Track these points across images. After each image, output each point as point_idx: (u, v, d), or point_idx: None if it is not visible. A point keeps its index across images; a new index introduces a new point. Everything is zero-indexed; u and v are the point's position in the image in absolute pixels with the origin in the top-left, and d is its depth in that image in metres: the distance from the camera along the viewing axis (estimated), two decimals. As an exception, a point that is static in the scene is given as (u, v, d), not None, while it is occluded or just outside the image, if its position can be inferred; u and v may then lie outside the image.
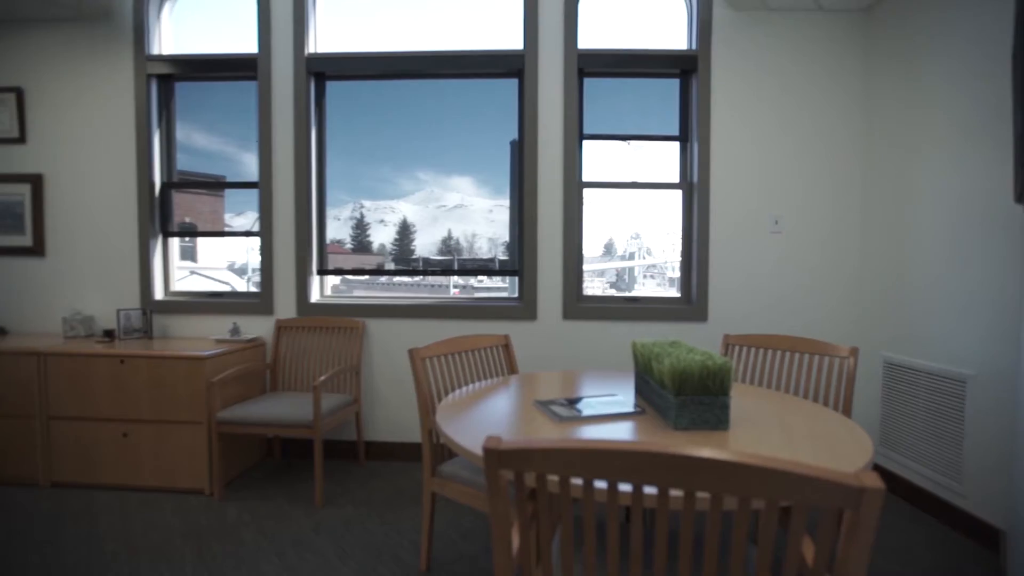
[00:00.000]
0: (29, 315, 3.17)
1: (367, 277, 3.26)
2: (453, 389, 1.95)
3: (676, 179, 3.01)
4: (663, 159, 3.03)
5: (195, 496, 2.54)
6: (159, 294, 3.11)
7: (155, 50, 3.06)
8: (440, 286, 3.33)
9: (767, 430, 1.29)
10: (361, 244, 3.19)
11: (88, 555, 2.01)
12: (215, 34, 3.14)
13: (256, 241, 3.13)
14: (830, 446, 1.17)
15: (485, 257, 3.15)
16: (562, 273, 2.91)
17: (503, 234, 3.12)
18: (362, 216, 3.19)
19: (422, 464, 2.95)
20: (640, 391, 1.60)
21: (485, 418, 1.39)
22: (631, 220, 3.11)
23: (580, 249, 2.96)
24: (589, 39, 2.93)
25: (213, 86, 3.14)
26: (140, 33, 3.01)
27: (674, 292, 3.09)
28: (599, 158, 3.01)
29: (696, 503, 0.71)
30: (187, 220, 3.20)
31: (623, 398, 1.59)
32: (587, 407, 1.47)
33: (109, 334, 2.88)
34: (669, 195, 3.00)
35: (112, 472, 2.60)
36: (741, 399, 1.62)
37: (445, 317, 2.96)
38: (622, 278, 3.25)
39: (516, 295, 3.10)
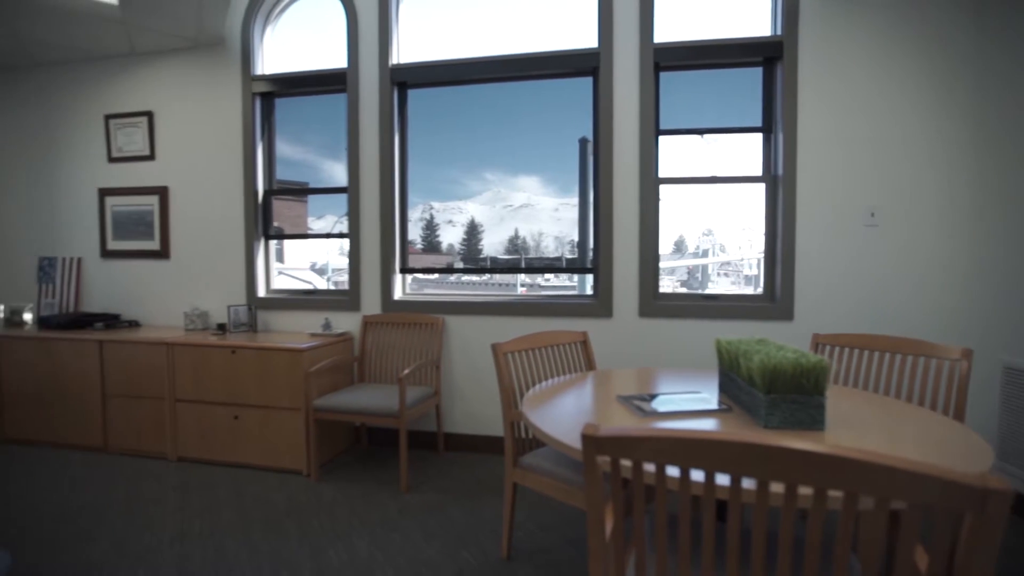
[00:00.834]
0: (158, 310, 3.62)
1: (436, 276, 3.40)
2: (533, 383, 2.01)
3: (758, 172, 2.88)
4: (742, 152, 2.92)
5: (295, 476, 2.78)
6: (261, 292, 3.42)
7: (258, 70, 3.37)
8: (508, 285, 3.41)
9: (868, 432, 1.23)
10: (431, 244, 3.33)
11: (211, 522, 2.27)
12: (308, 52, 3.41)
13: (334, 242, 3.37)
14: (942, 452, 1.10)
15: (551, 256, 3.19)
16: (638, 270, 2.88)
17: (570, 232, 3.13)
18: (431, 217, 3.33)
19: (503, 455, 3.05)
20: (725, 389, 1.57)
21: (570, 410, 1.43)
22: (703, 216, 3.03)
23: (656, 246, 2.92)
24: (665, 32, 2.88)
25: (299, 100, 3.41)
26: (247, 56, 3.33)
27: (751, 290, 2.97)
28: (673, 153, 2.95)
29: (799, 501, 0.70)
30: (276, 224, 3.49)
31: (707, 395, 1.57)
32: (670, 403, 1.47)
33: (221, 327, 3.22)
34: (747, 189, 2.88)
35: (225, 450, 2.90)
36: (836, 401, 1.54)
37: (521, 314, 3.03)
38: (694, 276, 3.16)
39: (591, 293, 3.11)
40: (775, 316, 2.76)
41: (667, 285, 3.09)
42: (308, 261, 3.67)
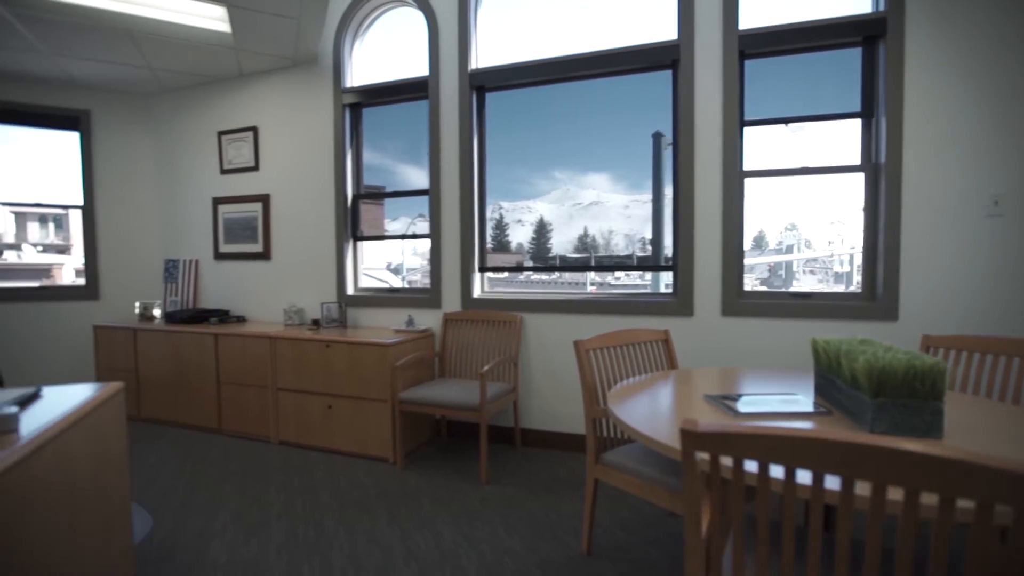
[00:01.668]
0: (260, 306, 3.98)
1: (506, 275, 3.45)
2: (615, 381, 2.01)
3: (856, 161, 2.68)
4: (835, 140, 2.72)
5: (382, 463, 2.95)
6: (350, 290, 3.67)
7: (347, 83, 3.61)
8: (577, 283, 3.41)
9: (993, 442, 1.12)
10: (500, 244, 3.40)
11: (311, 501, 2.48)
12: (392, 63, 3.59)
13: (408, 243, 3.53)
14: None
15: (622, 254, 3.14)
16: (720, 268, 2.78)
17: (641, 230, 3.08)
18: (501, 217, 3.39)
19: (579, 452, 3.07)
20: (822, 391, 1.49)
21: (656, 408, 1.42)
22: (787, 210, 2.86)
23: (741, 243, 2.79)
24: (750, 18, 2.75)
25: (380, 109, 3.61)
26: (337, 70, 3.58)
27: (841, 287, 2.77)
28: (758, 145, 2.81)
29: (922, 511, 0.67)
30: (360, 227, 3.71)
31: (801, 397, 1.50)
32: (760, 404, 1.42)
33: (316, 323, 3.48)
34: (841, 180, 2.68)
35: (320, 436, 3.14)
36: (952, 408, 1.42)
37: (598, 312, 3.02)
38: (775, 274, 3.00)
39: (667, 291, 3.04)
40: (876, 316, 2.55)
41: (746, 283, 2.95)
42: (384, 261, 3.88)
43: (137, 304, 4.03)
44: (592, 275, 3.35)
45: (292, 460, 3.01)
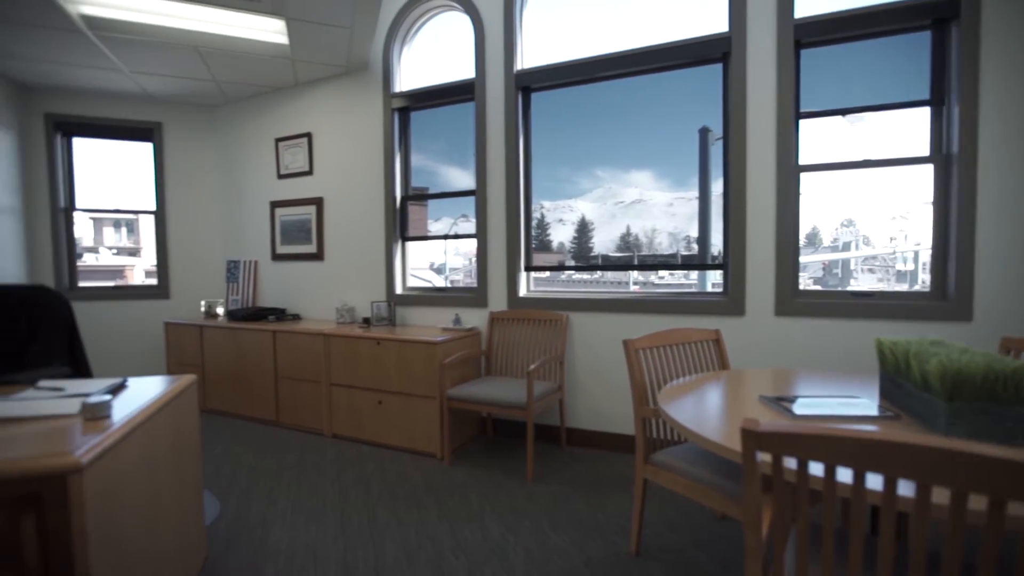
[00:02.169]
0: (314, 305, 4.16)
1: (548, 274, 3.45)
2: (664, 381, 1.98)
3: (924, 151, 2.52)
4: (899, 130, 2.57)
5: (429, 458, 3.02)
6: (398, 289, 3.77)
7: (396, 88, 3.71)
8: (620, 283, 3.37)
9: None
10: (542, 243, 3.40)
11: (363, 493, 2.57)
12: (438, 67, 3.67)
13: (450, 243, 3.59)
14: None
15: (665, 253, 3.09)
16: (774, 266, 2.69)
17: (686, 228, 3.01)
18: (542, 216, 3.39)
19: (625, 453, 3.04)
20: (888, 394, 1.42)
21: (710, 408, 1.40)
22: (843, 205, 2.72)
23: (796, 240, 2.69)
24: (806, 7, 2.64)
25: (426, 112, 3.69)
26: (387, 76, 3.69)
27: (904, 286, 2.61)
28: (813, 138, 2.70)
29: (1008, 522, 0.63)
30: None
31: (866, 400, 1.44)
32: (820, 406, 1.37)
33: (366, 321, 3.60)
34: (906, 172, 2.53)
35: (371, 431, 3.25)
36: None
37: (645, 312, 2.98)
38: (830, 272, 2.87)
39: (715, 290, 2.96)
40: (947, 316, 2.40)
41: (800, 282, 2.84)
42: (427, 261, 3.97)
43: (202, 303, 4.29)
44: (635, 274, 3.31)
45: (344, 453, 3.12)
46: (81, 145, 4.40)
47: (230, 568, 1.93)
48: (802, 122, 2.69)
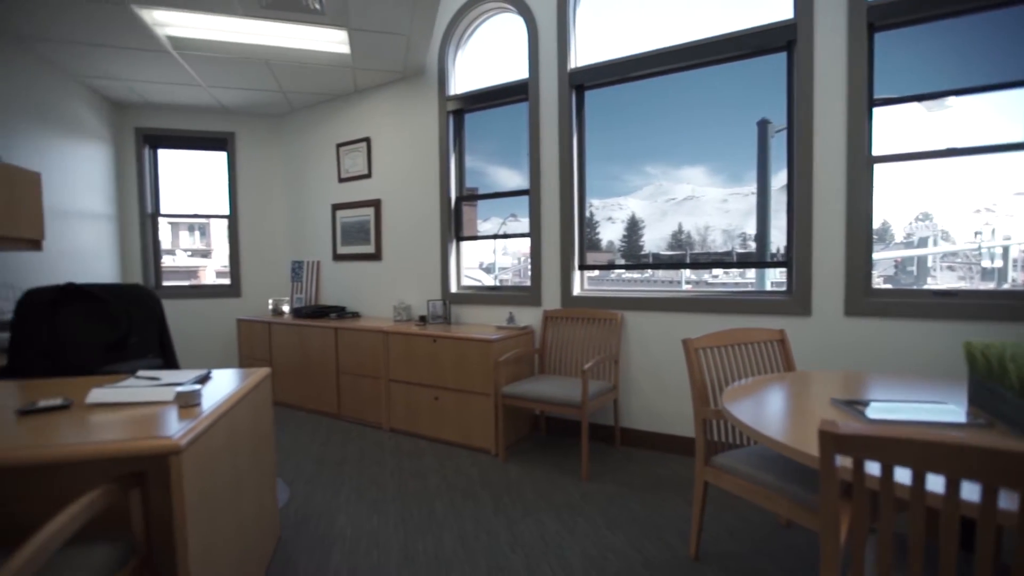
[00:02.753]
0: (373, 303, 4.32)
1: (597, 273, 3.41)
2: (726, 382, 1.93)
3: (1020, 137, 2.31)
4: (988, 115, 2.37)
5: (484, 454, 3.07)
6: (453, 288, 3.85)
7: (450, 91, 3.79)
8: (671, 282, 3.29)
9: None
10: (591, 242, 3.37)
11: (422, 485, 2.65)
12: (491, 68, 3.72)
13: (499, 243, 3.65)
14: None
15: (720, 251, 2.99)
16: (844, 263, 2.55)
17: (741, 224, 2.90)
18: (591, 215, 3.36)
19: (682, 455, 2.97)
20: (979, 401, 1.33)
21: (777, 410, 1.36)
22: (919, 198, 2.53)
23: (868, 236, 2.54)
24: (882, -14, 2.48)
25: (478, 114, 3.74)
26: (442, 79, 3.78)
27: (991, 285, 2.40)
28: (886, 127, 2.53)
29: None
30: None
31: (953, 407, 1.34)
32: (901, 411, 1.29)
33: (423, 319, 3.71)
34: (989, 161, 2.33)
35: (427, 425, 3.34)
36: None
37: (702, 311, 2.90)
38: (903, 270, 2.68)
39: (774, 288, 2.84)
40: (1046, 317, 2.19)
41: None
42: (476, 261, 4.02)
43: (270, 301, 4.55)
44: (687, 273, 3.23)
45: (402, 446, 3.23)
46: (163, 155, 4.78)
47: (301, 549, 2.05)
48: (875, 110, 2.54)
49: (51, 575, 1.02)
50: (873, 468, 0.78)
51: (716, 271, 3.16)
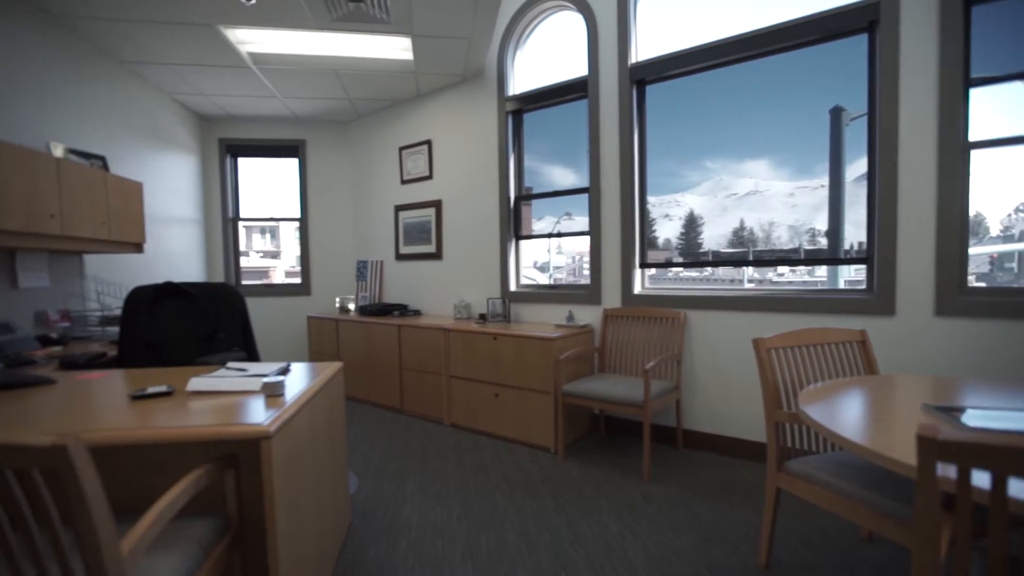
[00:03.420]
0: (433, 301, 4.45)
1: (653, 272, 3.33)
2: (800, 384, 1.84)
3: None
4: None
5: (543, 452, 3.09)
6: (512, 286, 3.89)
7: (510, 91, 3.83)
8: (733, 280, 3.15)
9: None
10: (647, 240, 3.29)
11: (483, 480, 2.70)
12: (549, 67, 3.73)
13: (553, 242, 3.65)
14: None
15: (786, 247, 2.83)
16: (934, 259, 2.35)
17: (809, 220, 2.73)
18: (647, 212, 3.28)
19: (749, 459, 2.86)
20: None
21: (861, 414, 1.28)
22: (1020, 187, 2.29)
23: (964, 229, 2.33)
24: (979, -44, 2.27)
25: (535, 113, 3.76)
26: (501, 80, 3.83)
27: None
28: (983, 109, 2.31)
29: None
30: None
31: (1070, 418, 1.21)
32: (1004, 420, 1.18)
33: (483, 317, 3.77)
34: None
35: (487, 422, 3.40)
36: None
37: (771, 310, 2.77)
38: (1001, 266, 2.43)
39: (859, 286, 2.66)
40: None
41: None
42: (530, 260, 4.03)
43: (337, 299, 4.79)
44: (750, 271, 3.09)
45: (463, 441, 3.30)
46: (242, 163, 5.14)
47: (370, 536, 2.15)
48: (972, 91, 2.32)
49: (164, 543, 1.13)
50: (980, 479, 0.73)
51: (781, 269, 3.01)
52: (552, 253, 3.97)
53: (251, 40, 3.33)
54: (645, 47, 3.24)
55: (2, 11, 2.67)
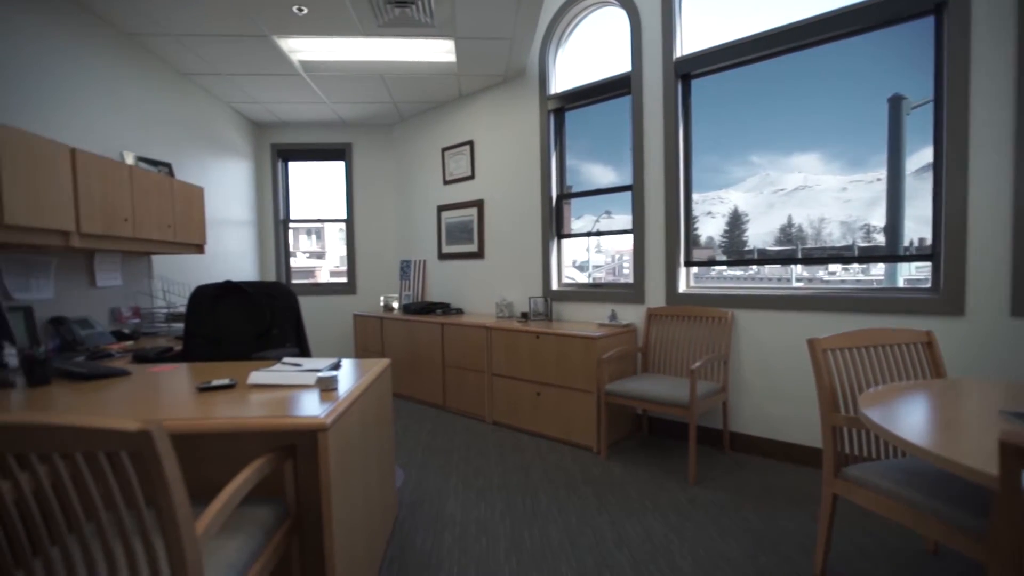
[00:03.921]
0: (475, 300, 4.50)
1: (696, 270, 3.24)
2: (860, 387, 1.76)
3: None
4: None
5: (585, 451, 3.07)
6: (554, 285, 3.89)
7: (551, 90, 3.83)
8: (780, 279, 3.03)
9: None
10: (689, 238, 3.20)
11: (525, 478, 2.72)
12: (590, 65, 3.70)
13: (592, 241, 3.61)
14: None
15: (838, 244, 2.70)
16: (1010, 255, 2.20)
17: (864, 215, 2.60)
18: (692, 209, 3.19)
19: (807, 464, 2.76)
20: None
21: (930, 420, 1.21)
22: None
23: (1043, 222, 2.16)
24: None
25: (575, 112, 3.73)
26: (543, 79, 3.84)
27: None
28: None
29: None
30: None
31: None
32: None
33: (524, 316, 3.79)
34: None
35: (529, 420, 3.41)
36: None
37: (825, 309, 2.66)
38: None
39: (922, 285, 2.51)
40: None
41: None
42: (569, 259, 4.00)
43: (381, 298, 4.91)
44: (798, 270, 2.97)
45: (504, 439, 3.33)
46: (291, 167, 5.35)
47: (416, 529, 2.20)
48: (1054, 75, 2.15)
49: (229, 526, 1.20)
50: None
51: (833, 267, 2.88)
52: (591, 252, 3.94)
53: (302, 49, 3.46)
54: (690, 40, 3.17)
55: (81, 32, 2.89)
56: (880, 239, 2.61)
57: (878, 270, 2.77)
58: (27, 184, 2.08)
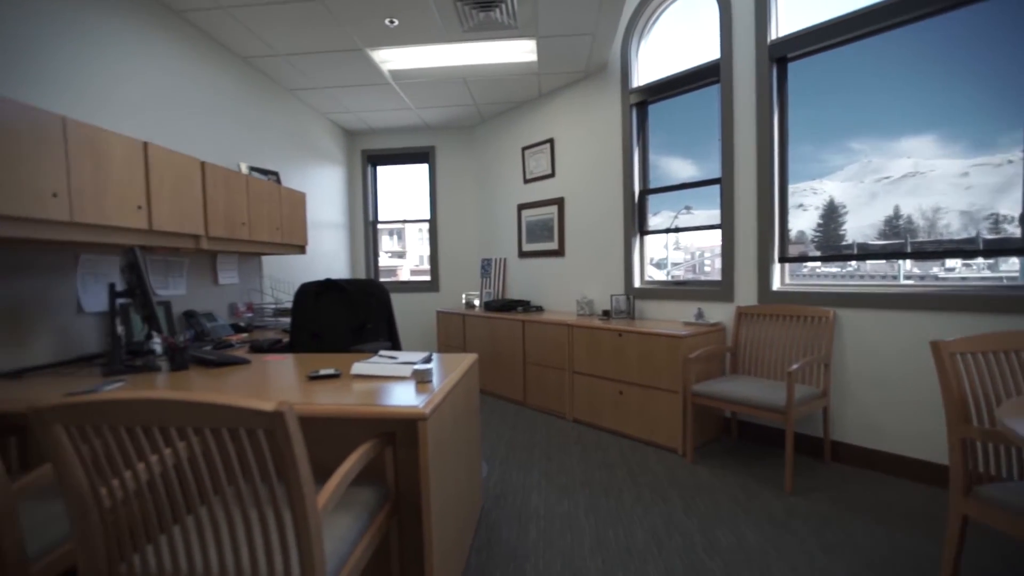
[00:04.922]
0: (555, 297, 4.51)
1: (791, 267, 3.00)
2: (995, 396, 1.57)
3: None
4: None
5: (670, 453, 2.99)
6: (637, 282, 3.81)
7: (634, 84, 3.75)
8: (885, 276, 2.73)
9: None
10: (785, 232, 2.98)
11: (608, 477, 2.69)
12: (676, 55, 3.57)
13: (671, 238, 3.50)
14: None
15: (957, 237, 2.39)
16: None
17: (989, 203, 2.28)
18: (787, 201, 2.97)
19: (927, 480, 2.50)
20: None
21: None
22: None
23: None
24: None
25: (656, 105, 3.62)
26: (625, 73, 3.77)
27: None
28: None
29: None
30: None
31: None
32: None
33: (606, 314, 3.75)
34: None
35: (610, 419, 3.37)
36: None
37: (945, 309, 2.38)
38: None
39: (1081, 282, 2.18)
40: None
41: None
42: (648, 256, 3.87)
43: (463, 295, 5.07)
44: (907, 266, 2.68)
45: (585, 437, 3.32)
46: (379, 171, 5.67)
47: (501, 520, 2.26)
48: None
49: (341, 504, 1.31)
50: None
51: (951, 263, 2.57)
52: (669, 249, 3.81)
53: (390, 59, 3.66)
54: (785, 21, 2.96)
55: (205, 56, 3.25)
56: (1013, 230, 2.29)
57: (1009, 265, 2.43)
58: (170, 195, 2.38)
